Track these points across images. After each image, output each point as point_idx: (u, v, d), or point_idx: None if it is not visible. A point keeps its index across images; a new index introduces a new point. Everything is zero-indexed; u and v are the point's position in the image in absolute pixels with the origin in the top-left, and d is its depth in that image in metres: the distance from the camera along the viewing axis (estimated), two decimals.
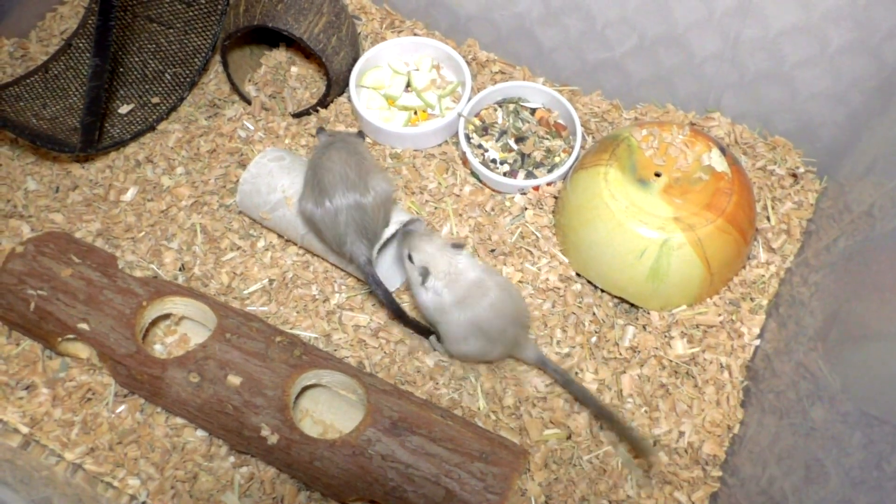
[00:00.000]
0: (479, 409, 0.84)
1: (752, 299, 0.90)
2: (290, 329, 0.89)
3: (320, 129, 0.91)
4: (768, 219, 0.95)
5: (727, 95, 1.00)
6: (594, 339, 0.89)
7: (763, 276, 0.91)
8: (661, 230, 0.83)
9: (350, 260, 0.84)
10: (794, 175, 0.97)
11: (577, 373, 0.86)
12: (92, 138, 1.01)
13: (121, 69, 1.16)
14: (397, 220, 0.88)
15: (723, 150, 0.89)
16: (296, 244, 0.95)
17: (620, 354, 0.87)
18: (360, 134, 0.92)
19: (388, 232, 0.86)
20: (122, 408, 0.85)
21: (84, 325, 0.82)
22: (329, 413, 0.85)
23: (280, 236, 0.97)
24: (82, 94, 1.12)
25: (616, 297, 0.91)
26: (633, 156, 0.88)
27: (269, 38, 1.14)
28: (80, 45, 1.17)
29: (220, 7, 1.15)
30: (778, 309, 0.89)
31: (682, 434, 0.82)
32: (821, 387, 0.75)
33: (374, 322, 0.89)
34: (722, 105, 1.01)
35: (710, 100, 1.01)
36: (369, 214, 0.82)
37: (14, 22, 1.19)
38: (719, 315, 0.88)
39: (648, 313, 0.89)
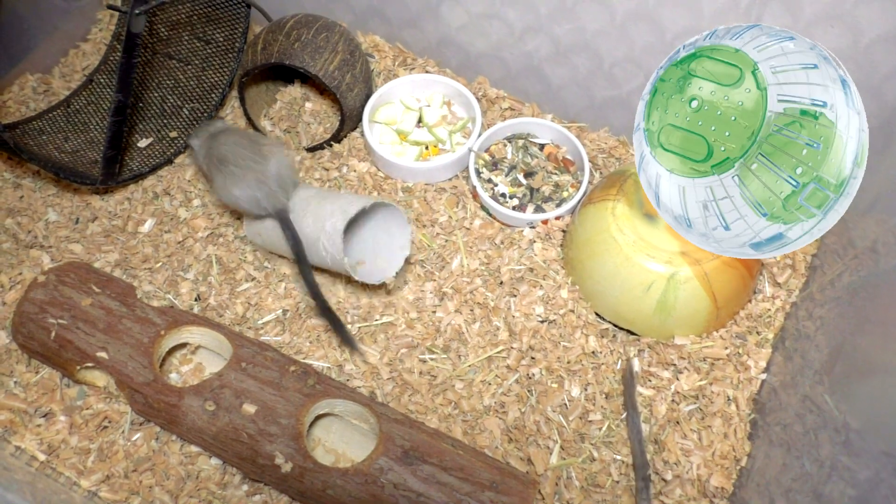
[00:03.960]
0: (490, 442, 0.85)
1: (758, 333, 0.91)
2: (304, 359, 0.91)
3: (217, 119, 0.98)
4: None
5: None
6: (601, 367, 0.90)
7: (769, 309, 0.92)
8: (669, 264, 0.85)
9: (270, 213, 0.92)
10: None
11: (588, 409, 0.87)
12: (113, 171, 1.04)
13: (140, 104, 1.19)
14: (363, 203, 0.90)
15: None
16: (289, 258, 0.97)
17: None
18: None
19: (352, 211, 0.89)
20: (137, 435, 0.86)
21: (103, 354, 0.83)
22: (341, 442, 0.86)
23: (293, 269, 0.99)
24: (103, 128, 1.16)
25: (623, 328, 0.93)
26: (640, 191, 0.90)
27: (285, 74, 1.18)
28: (101, 80, 1.21)
29: (236, 45, 1.19)
30: (784, 342, 0.90)
31: (690, 466, 0.83)
32: (827, 420, 0.76)
33: (386, 356, 0.91)
34: None
35: None
36: (271, 172, 0.91)
37: (38, 58, 1.23)
38: (726, 348, 0.89)
39: (656, 345, 0.90)
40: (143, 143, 1.13)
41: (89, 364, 0.84)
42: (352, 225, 0.93)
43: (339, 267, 0.90)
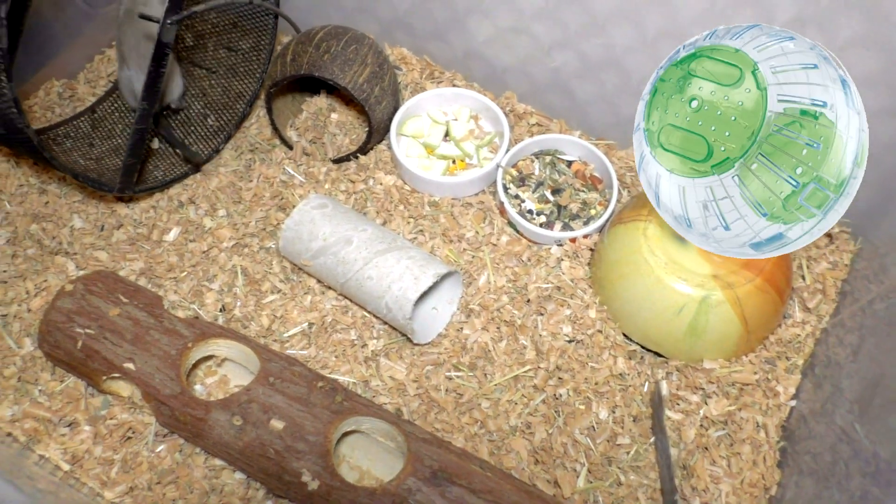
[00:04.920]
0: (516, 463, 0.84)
1: (787, 358, 0.90)
2: (329, 373, 0.90)
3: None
4: (803, 277, 0.96)
5: None
6: (629, 389, 0.89)
7: (799, 335, 0.92)
8: (700, 287, 0.85)
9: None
10: (829, 235, 0.98)
11: (616, 432, 0.86)
12: (131, 180, 1.04)
13: (165, 112, 1.19)
14: (434, 272, 0.89)
15: None
16: (335, 291, 0.97)
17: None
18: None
19: (425, 284, 0.88)
20: (161, 447, 0.86)
21: (130, 365, 0.83)
22: (366, 459, 0.85)
23: (318, 281, 0.99)
24: (127, 135, 1.15)
25: (651, 350, 0.92)
26: None
27: (311, 85, 1.18)
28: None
29: (262, 55, 1.18)
30: (814, 369, 0.89)
31: (719, 493, 0.82)
32: (857, 450, 0.75)
33: (413, 373, 0.90)
34: None
35: None
36: None
37: (64, 63, 1.23)
38: (755, 373, 0.89)
39: (684, 368, 0.89)
40: (154, 145, 1.14)
41: (115, 375, 0.84)
42: None
43: (399, 326, 0.90)
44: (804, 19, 0.86)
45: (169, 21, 0.92)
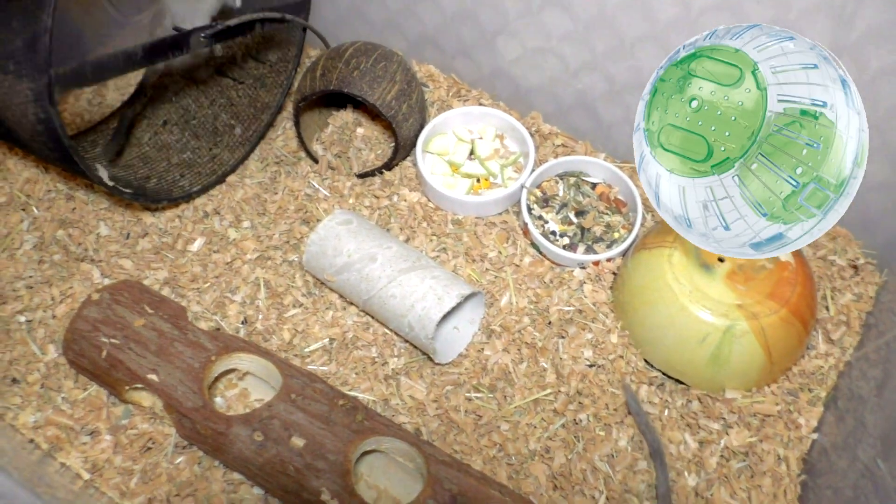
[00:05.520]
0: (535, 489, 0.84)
1: (810, 390, 0.90)
2: (349, 391, 0.90)
3: None
4: (827, 308, 0.95)
5: None
6: (650, 417, 0.89)
7: (822, 367, 0.91)
8: (725, 317, 0.84)
9: None
10: (855, 267, 0.97)
11: (636, 458, 0.86)
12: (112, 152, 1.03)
13: (193, 121, 1.20)
14: (458, 292, 0.89)
15: None
16: (357, 307, 0.97)
17: (677, 438, 0.87)
18: None
19: (448, 304, 0.88)
20: (180, 459, 0.86)
21: (153, 376, 0.83)
22: (384, 478, 0.85)
23: (340, 297, 0.99)
24: (154, 143, 1.17)
25: (672, 378, 0.92)
26: None
27: (338, 99, 1.18)
28: (153, 94, 1.22)
29: (289, 66, 1.19)
30: (836, 402, 0.89)
31: None
32: (880, 487, 0.74)
33: (433, 393, 0.90)
34: None
35: None
36: None
37: None
38: (777, 404, 0.88)
39: (705, 397, 0.89)
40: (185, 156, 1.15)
41: (138, 385, 0.85)
42: None
43: (421, 345, 0.91)
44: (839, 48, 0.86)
45: (203, 35, 0.93)
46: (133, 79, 1.25)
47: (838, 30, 0.85)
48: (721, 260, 0.88)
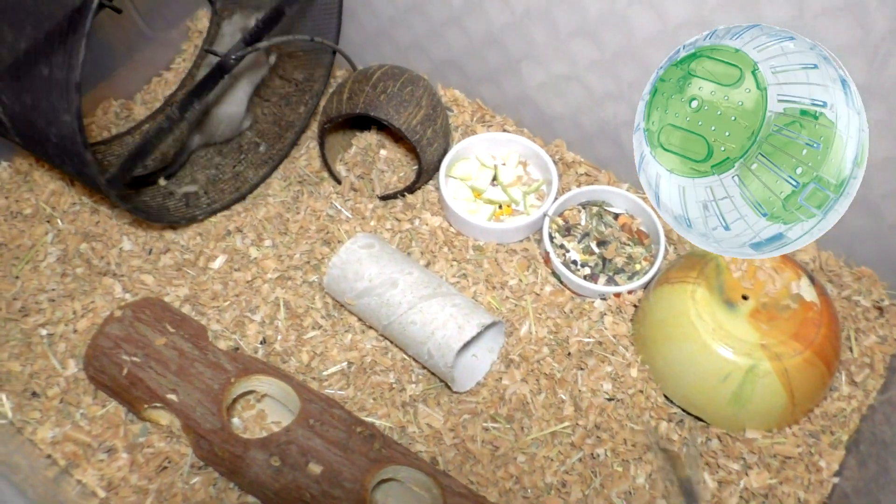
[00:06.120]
0: None
1: (832, 433, 0.89)
2: (366, 416, 0.90)
3: None
4: (851, 350, 0.94)
5: None
6: (668, 454, 0.88)
7: (844, 409, 0.90)
8: (748, 356, 0.83)
9: None
10: (880, 308, 0.96)
11: (654, 496, 0.85)
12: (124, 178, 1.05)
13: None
14: (478, 321, 0.89)
15: (812, 280, 0.89)
16: (376, 331, 0.97)
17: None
18: None
19: (469, 333, 0.87)
20: (196, 479, 0.86)
21: (173, 396, 0.84)
22: None
23: (360, 320, 0.99)
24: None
25: (692, 415, 0.91)
26: (721, 276, 0.89)
27: (363, 120, 1.19)
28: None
29: (315, 87, 1.20)
30: (858, 446, 0.87)
31: None
32: None
33: (450, 421, 0.90)
34: None
35: None
36: None
37: (121, 83, 1.26)
38: (798, 446, 0.87)
39: (725, 436, 0.88)
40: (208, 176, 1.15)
41: (157, 404, 0.85)
42: None
43: (440, 373, 0.90)
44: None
45: (234, 56, 0.93)
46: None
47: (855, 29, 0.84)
48: (745, 297, 0.87)
